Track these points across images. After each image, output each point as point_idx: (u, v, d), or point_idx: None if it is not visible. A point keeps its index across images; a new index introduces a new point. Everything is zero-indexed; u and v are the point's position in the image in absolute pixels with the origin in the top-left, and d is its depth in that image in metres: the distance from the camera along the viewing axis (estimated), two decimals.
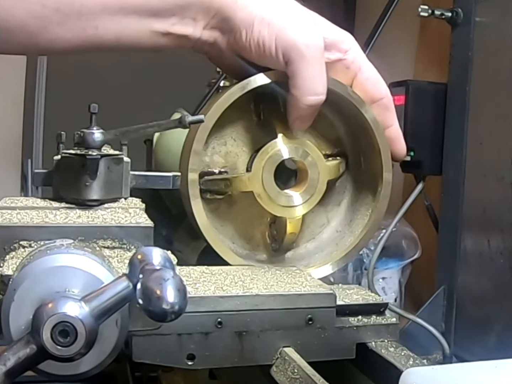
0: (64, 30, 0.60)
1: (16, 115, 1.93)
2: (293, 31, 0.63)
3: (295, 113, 0.66)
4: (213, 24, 0.65)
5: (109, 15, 0.61)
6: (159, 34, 0.64)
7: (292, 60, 0.63)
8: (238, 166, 0.72)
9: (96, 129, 0.59)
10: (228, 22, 0.64)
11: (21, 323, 0.44)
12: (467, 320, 0.95)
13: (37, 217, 0.55)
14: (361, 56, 0.68)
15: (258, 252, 0.74)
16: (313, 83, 0.64)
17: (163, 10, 0.63)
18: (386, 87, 0.70)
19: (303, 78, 0.64)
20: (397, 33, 1.25)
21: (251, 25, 0.63)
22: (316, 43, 0.63)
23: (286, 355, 0.60)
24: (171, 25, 0.63)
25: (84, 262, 0.46)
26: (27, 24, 0.59)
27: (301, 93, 0.64)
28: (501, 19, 0.90)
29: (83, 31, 0.61)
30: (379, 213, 0.73)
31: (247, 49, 0.65)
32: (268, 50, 0.63)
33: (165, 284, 0.41)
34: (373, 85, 0.69)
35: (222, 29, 0.65)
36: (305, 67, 0.63)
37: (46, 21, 0.59)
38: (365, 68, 0.68)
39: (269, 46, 0.63)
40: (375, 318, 0.67)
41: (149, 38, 0.64)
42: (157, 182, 0.64)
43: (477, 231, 0.93)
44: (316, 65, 0.64)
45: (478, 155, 0.93)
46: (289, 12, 0.64)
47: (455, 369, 0.44)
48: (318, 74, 0.64)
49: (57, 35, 0.61)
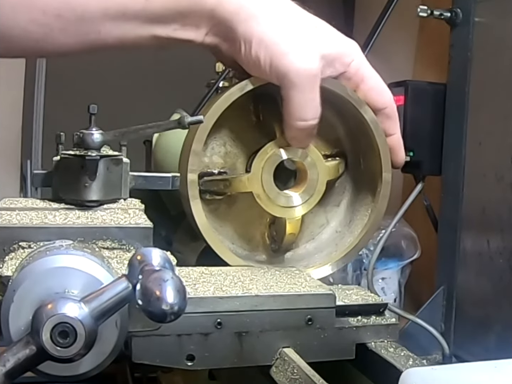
0: (66, 36, 0.61)
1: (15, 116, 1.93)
2: (287, 58, 0.62)
3: (289, 133, 0.67)
4: (215, 31, 0.65)
5: (110, 20, 0.61)
6: (162, 38, 0.64)
7: (283, 86, 0.64)
8: (237, 166, 0.72)
9: (95, 130, 0.59)
10: (230, 32, 0.64)
11: (20, 324, 0.44)
12: (467, 320, 0.95)
13: (36, 218, 0.55)
14: (364, 66, 0.68)
15: (258, 253, 0.74)
16: (302, 110, 0.64)
17: (164, 17, 0.63)
18: (390, 96, 0.70)
19: (292, 105, 0.64)
20: (396, 34, 1.25)
21: (250, 42, 0.63)
22: (309, 70, 0.63)
23: (285, 356, 0.60)
24: (172, 30, 0.64)
25: (84, 263, 0.46)
26: (29, 31, 0.59)
27: (290, 118, 0.65)
28: (500, 19, 0.90)
29: (85, 36, 0.61)
30: (378, 214, 0.73)
31: (245, 63, 0.65)
32: (263, 70, 0.64)
33: (164, 285, 0.41)
34: (376, 95, 0.69)
35: (224, 37, 0.65)
36: (295, 95, 0.63)
37: (48, 28, 0.60)
38: (368, 78, 0.68)
39: (264, 67, 0.63)
40: (375, 319, 0.67)
41: (151, 41, 0.64)
42: (157, 182, 0.64)
43: (476, 231, 0.93)
44: (307, 93, 0.64)
45: (478, 155, 0.93)
46: (289, 33, 0.63)
47: (454, 369, 0.44)
48: (308, 102, 0.64)
49: (59, 41, 0.61)
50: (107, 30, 0.61)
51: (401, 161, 0.72)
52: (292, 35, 0.63)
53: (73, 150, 0.60)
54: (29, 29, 0.59)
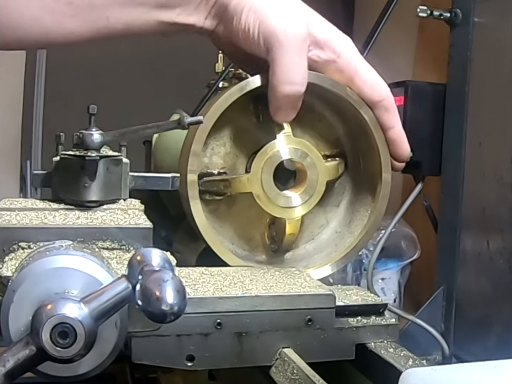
0: (76, 23, 0.62)
1: (14, 116, 1.93)
2: (275, 17, 0.63)
3: (274, 103, 0.66)
4: (213, 13, 0.67)
5: (119, 6, 0.63)
6: (166, 23, 0.66)
7: (271, 46, 0.64)
8: (237, 167, 0.72)
9: (95, 130, 0.59)
10: (224, 11, 0.66)
11: (20, 325, 0.44)
12: (467, 321, 0.95)
13: (36, 219, 0.55)
14: (357, 59, 0.68)
15: (258, 253, 0.74)
16: (290, 72, 0.64)
17: (169, 2, 0.65)
18: (387, 89, 0.69)
19: (280, 66, 0.64)
20: (396, 34, 1.25)
21: (241, 12, 0.64)
22: (296, 32, 0.63)
23: (285, 356, 0.60)
24: (176, 15, 0.66)
25: (83, 264, 0.46)
26: (41, 20, 0.61)
27: (278, 81, 0.64)
28: (500, 19, 0.90)
29: (95, 23, 0.63)
30: (378, 214, 0.73)
31: (236, 35, 0.66)
32: (252, 36, 0.64)
33: (164, 285, 0.41)
34: (371, 87, 0.68)
35: (220, 18, 0.67)
36: (282, 55, 0.63)
37: (60, 15, 0.61)
38: (362, 71, 0.68)
39: (253, 31, 0.64)
40: (375, 319, 0.67)
41: (156, 27, 0.66)
42: (156, 183, 0.64)
43: (476, 231, 0.94)
44: (294, 53, 0.64)
45: (477, 156, 0.93)
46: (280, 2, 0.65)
47: (454, 369, 0.44)
48: (295, 63, 0.64)
49: (69, 29, 0.63)
50: (116, 16, 0.63)
51: (406, 153, 0.71)
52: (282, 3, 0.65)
53: (73, 150, 0.60)
54: (40, 17, 0.61)
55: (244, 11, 0.64)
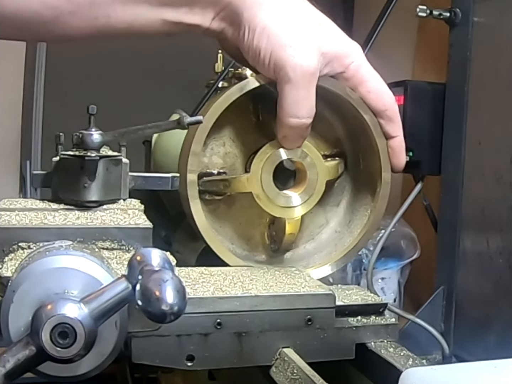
0: (76, 19, 0.61)
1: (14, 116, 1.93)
2: (287, 51, 0.62)
3: (281, 132, 0.67)
4: (222, 16, 0.65)
5: (120, 4, 0.62)
6: (171, 22, 0.64)
7: (280, 79, 0.64)
8: (236, 167, 0.72)
9: (94, 130, 0.59)
10: (236, 18, 0.64)
11: (20, 325, 0.44)
12: (467, 320, 0.95)
13: (36, 219, 0.55)
14: (364, 68, 0.68)
15: (257, 253, 0.74)
16: (296, 107, 0.64)
17: (174, 0, 0.63)
18: (392, 98, 0.69)
19: (286, 100, 0.64)
20: (395, 33, 1.25)
21: (254, 30, 0.63)
22: (306, 67, 0.63)
23: (285, 356, 0.60)
24: (182, 14, 0.64)
25: (83, 264, 0.46)
26: (40, 14, 0.60)
27: (283, 114, 0.65)
28: (500, 19, 0.90)
29: (95, 20, 0.62)
30: (378, 214, 0.73)
31: (246, 51, 0.65)
32: (262, 61, 0.64)
33: (164, 285, 0.41)
34: (376, 97, 0.68)
35: (229, 22, 0.66)
36: (289, 90, 0.63)
37: (59, 11, 0.60)
38: (368, 80, 0.68)
39: (263, 57, 0.63)
40: (375, 319, 0.67)
41: (161, 26, 0.64)
42: (156, 183, 0.64)
43: (476, 231, 0.93)
44: (302, 89, 0.63)
45: (477, 155, 0.93)
46: (292, 26, 0.63)
47: (454, 369, 0.44)
48: (303, 98, 0.64)
49: (69, 24, 0.62)
50: (117, 14, 0.62)
51: (401, 164, 0.72)
52: (295, 29, 0.64)
53: (73, 150, 0.60)
54: (39, 11, 0.60)
55: (256, 32, 0.63)
